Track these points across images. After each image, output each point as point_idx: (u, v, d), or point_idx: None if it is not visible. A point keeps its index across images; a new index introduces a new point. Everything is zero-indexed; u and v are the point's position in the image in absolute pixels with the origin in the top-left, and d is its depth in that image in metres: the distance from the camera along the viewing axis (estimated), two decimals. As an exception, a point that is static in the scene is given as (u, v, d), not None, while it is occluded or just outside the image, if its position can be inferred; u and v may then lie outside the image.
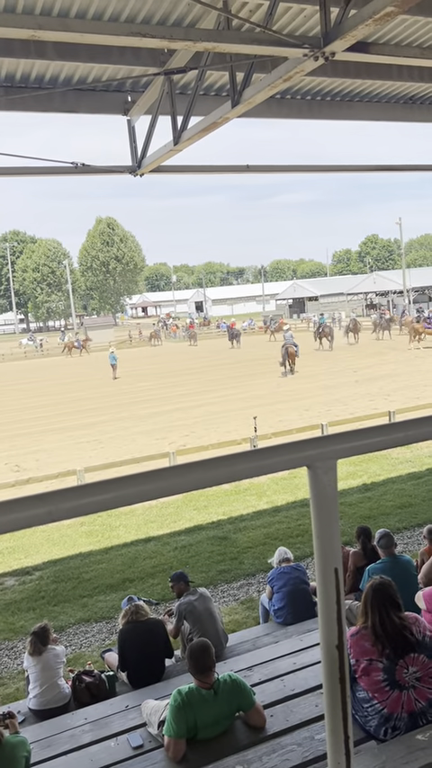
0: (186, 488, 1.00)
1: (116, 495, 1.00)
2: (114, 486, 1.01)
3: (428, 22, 6.28)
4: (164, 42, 4.75)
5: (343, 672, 1.12)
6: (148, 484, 0.99)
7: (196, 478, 0.99)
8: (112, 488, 1.00)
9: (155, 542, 9.40)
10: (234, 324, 46.17)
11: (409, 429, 1.20)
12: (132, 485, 1.01)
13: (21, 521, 0.93)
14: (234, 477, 1.04)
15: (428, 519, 9.02)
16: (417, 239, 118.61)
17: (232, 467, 1.05)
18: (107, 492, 1.00)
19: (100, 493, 1.00)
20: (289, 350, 26.23)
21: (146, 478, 1.00)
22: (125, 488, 0.98)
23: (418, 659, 3.26)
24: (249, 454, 1.08)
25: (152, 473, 0.99)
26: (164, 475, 1.03)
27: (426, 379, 21.98)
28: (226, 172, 9.02)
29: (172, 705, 3.46)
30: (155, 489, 1.00)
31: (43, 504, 0.92)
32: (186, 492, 1.05)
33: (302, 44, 4.96)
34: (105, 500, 1.00)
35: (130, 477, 1.01)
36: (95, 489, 1.00)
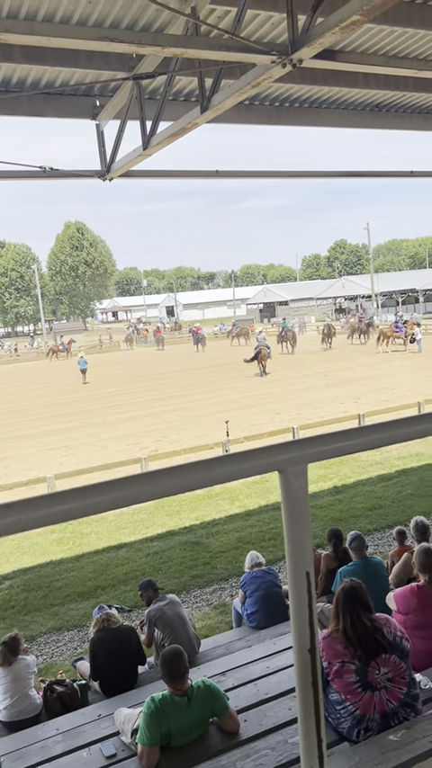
0: (158, 495, 0.99)
1: (86, 504, 0.99)
2: (84, 494, 0.99)
3: (393, 31, 6.38)
4: (132, 47, 4.74)
5: (315, 675, 1.12)
6: (118, 491, 0.98)
7: (167, 485, 0.98)
8: (81, 497, 0.99)
9: (127, 549, 9.33)
10: (199, 328, 46.52)
11: (379, 432, 1.21)
12: (102, 493, 1.00)
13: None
14: (206, 482, 1.04)
15: (398, 520, 9.14)
16: (384, 244, 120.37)
17: (204, 472, 1.04)
18: (77, 500, 0.98)
19: (69, 501, 0.98)
20: (263, 351, 27.05)
21: (116, 486, 0.99)
22: (95, 496, 0.97)
23: (389, 660, 3.29)
24: (221, 459, 1.08)
25: (123, 480, 0.99)
26: (135, 482, 1.02)
27: (394, 382, 22.29)
28: (195, 177, 9.02)
29: (145, 713, 3.43)
30: (125, 497, 0.99)
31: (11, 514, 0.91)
32: (158, 499, 1.04)
33: (270, 51, 5.00)
34: (74, 509, 0.99)
35: (100, 485, 1.00)
36: (65, 498, 0.99)
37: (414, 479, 11.25)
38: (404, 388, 20.63)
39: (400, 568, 5.56)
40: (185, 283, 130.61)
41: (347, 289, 64.31)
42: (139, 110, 6.93)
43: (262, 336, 28.78)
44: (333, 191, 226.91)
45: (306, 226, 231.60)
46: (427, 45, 6.79)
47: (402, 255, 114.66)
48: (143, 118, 6.99)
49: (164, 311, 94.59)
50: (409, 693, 3.32)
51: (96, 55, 6.02)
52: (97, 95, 7.37)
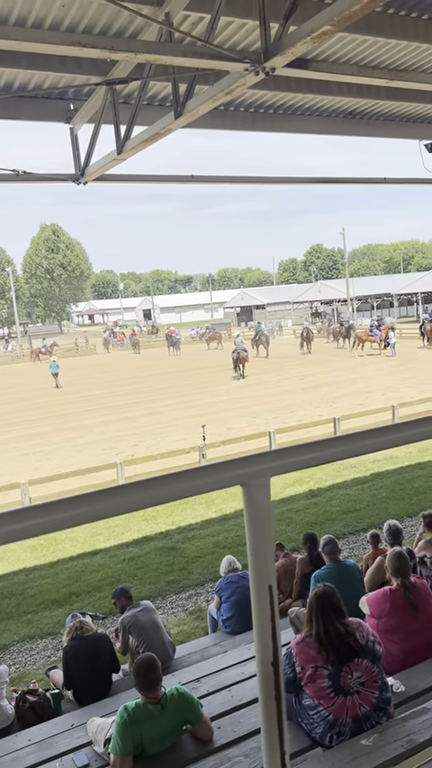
0: (125, 510, 0.99)
1: (52, 520, 0.98)
2: (52, 509, 0.99)
3: (365, 41, 6.45)
4: (105, 53, 4.74)
5: (278, 689, 1.13)
6: (84, 507, 0.97)
7: (126, 502, 0.98)
8: (48, 512, 0.98)
9: (102, 555, 9.27)
10: (173, 332, 46.69)
11: (341, 445, 1.23)
12: (69, 508, 0.99)
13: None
14: (169, 498, 1.04)
15: (373, 524, 9.22)
16: (359, 249, 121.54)
17: (166, 487, 1.04)
18: (44, 516, 0.98)
19: (36, 517, 0.97)
20: (240, 355, 27.50)
21: (83, 501, 0.98)
22: (62, 512, 0.97)
23: (361, 664, 3.32)
24: (184, 474, 1.08)
25: (88, 496, 0.98)
26: (102, 497, 1.01)
27: (369, 386, 22.50)
28: (171, 182, 9.03)
29: (118, 722, 3.41)
30: (90, 512, 0.98)
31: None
32: (126, 514, 1.04)
33: (243, 59, 5.03)
34: (41, 524, 0.98)
35: (68, 500, 0.99)
36: (29, 514, 0.98)
37: (388, 482, 11.36)
38: (379, 392, 20.83)
39: (374, 572, 5.60)
40: (162, 287, 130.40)
41: (324, 293, 64.78)
42: (113, 114, 6.91)
43: (239, 340, 29.33)
44: (309, 195, 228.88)
45: (282, 230, 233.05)
46: (398, 54, 6.88)
47: (377, 260, 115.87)
48: (117, 122, 6.98)
49: (141, 314, 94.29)
50: (381, 697, 3.35)
51: (70, 59, 5.99)
52: (71, 99, 7.34)
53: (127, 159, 7.31)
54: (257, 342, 36.50)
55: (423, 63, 7.23)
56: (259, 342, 36.33)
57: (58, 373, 30.31)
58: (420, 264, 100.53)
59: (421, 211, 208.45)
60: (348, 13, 4.24)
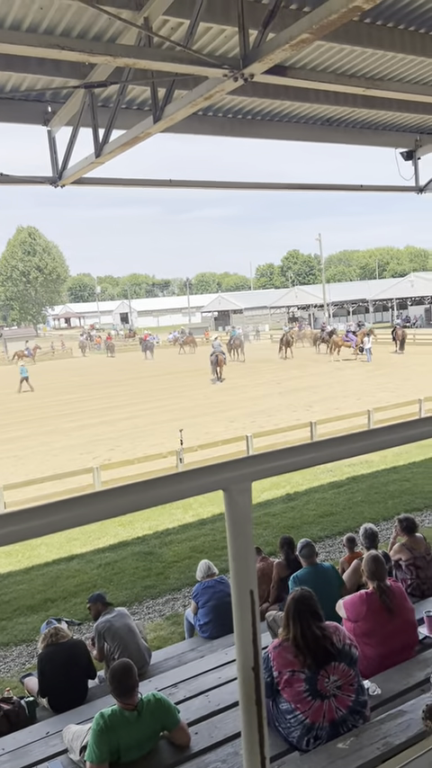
0: (100, 517, 0.98)
1: (29, 527, 0.97)
2: (27, 516, 0.98)
3: (343, 49, 6.53)
4: (83, 56, 4.72)
5: (258, 693, 1.13)
6: (60, 514, 0.97)
7: (108, 507, 0.97)
8: (23, 519, 0.97)
9: (78, 560, 9.19)
10: (147, 336, 47.40)
11: (321, 450, 1.23)
12: (48, 514, 0.98)
13: None
14: (151, 503, 1.03)
15: (349, 527, 9.28)
16: (335, 255, 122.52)
17: (147, 492, 1.04)
18: (18, 523, 0.97)
19: (10, 524, 0.96)
20: (219, 357, 28.02)
21: (58, 508, 0.98)
22: (37, 519, 0.96)
23: (338, 668, 3.34)
24: (165, 479, 1.08)
25: (64, 502, 0.97)
26: (75, 504, 1.00)
27: (345, 391, 22.68)
28: (149, 186, 9.01)
29: (94, 729, 3.38)
30: (67, 519, 0.98)
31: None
32: (103, 520, 1.04)
33: (222, 64, 5.05)
34: (17, 531, 0.97)
35: (44, 507, 0.98)
36: (5, 521, 0.97)
37: (364, 486, 11.45)
38: (355, 397, 21.01)
39: (350, 575, 5.65)
40: (140, 290, 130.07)
41: (300, 298, 65.22)
42: (91, 117, 6.90)
43: (217, 343, 29.86)
44: (287, 201, 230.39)
45: (260, 235, 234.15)
46: (375, 64, 6.97)
47: (353, 266, 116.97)
48: (96, 126, 6.95)
49: (118, 318, 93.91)
50: (357, 701, 3.37)
51: (48, 61, 5.96)
52: (49, 101, 7.30)
53: (105, 163, 7.28)
54: (232, 346, 36.96)
55: (399, 72, 7.34)
56: (234, 346, 36.80)
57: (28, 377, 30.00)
58: (395, 271, 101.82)
59: (397, 219, 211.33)
60: (326, 22, 4.28)
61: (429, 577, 5.49)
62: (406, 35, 6.38)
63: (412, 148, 10.34)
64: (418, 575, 5.47)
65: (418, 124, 9.95)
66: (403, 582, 5.28)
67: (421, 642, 4.43)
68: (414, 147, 10.34)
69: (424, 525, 9.37)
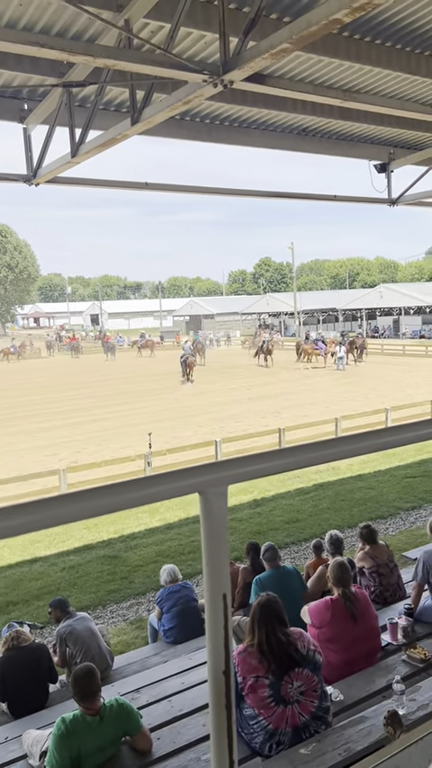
0: (72, 519, 0.97)
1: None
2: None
3: (321, 61, 6.61)
4: (63, 54, 4.69)
5: (229, 698, 1.13)
6: (27, 515, 0.95)
7: (83, 508, 0.96)
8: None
9: (41, 563, 9.07)
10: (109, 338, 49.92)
11: (296, 455, 1.24)
12: (14, 516, 0.96)
13: None
14: (126, 505, 1.03)
15: (314, 533, 9.34)
16: (307, 264, 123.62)
17: (122, 495, 1.03)
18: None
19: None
20: (188, 360, 29.37)
21: (26, 510, 0.96)
22: (5, 521, 0.94)
23: (302, 674, 3.35)
24: (140, 482, 1.07)
25: (34, 504, 0.96)
26: (46, 505, 0.99)
27: (314, 398, 22.88)
28: (124, 188, 8.98)
29: (55, 734, 3.33)
30: (35, 521, 0.96)
31: None
32: (75, 522, 1.02)
33: (202, 70, 5.07)
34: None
35: (12, 508, 0.97)
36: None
37: (330, 493, 11.55)
38: (323, 404, 21.21)
39: (315, 581, 5.68)
40: (111, 292, 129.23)
41: (271, 305, 65.65)
42: (68, 117, 6.84)
43: (188, 346, 31.54)
44: (261, 208, 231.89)
45: (234, 241, 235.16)
46: (352, 76, 7.07)
47: (324, 275, 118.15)
48: (72, 125, 6.91)
49: (88, 319, 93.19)
50: (320, 707, 3.39)
51: (26, 58, 5.90)
52: (25, 99, 7.22)
53: (81, 162, 7.24)
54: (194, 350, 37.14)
55: (374, 86, 7.45)
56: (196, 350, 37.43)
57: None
58: (365, 281, 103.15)
59: (368, 230, 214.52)
60: (306, 33, 4.33)
61: (392, 585, 5.56)
62: (383, 50, 6.50)
63: (386, 161, 10.50)
64: (381, 582, 5.53)
65: (392, 137, 10.11)
66: (367, 589, 5.34)
67: (384, 649, 4.48)
68: (387, 160, 10.50)
69: (388, 533, 9.49)
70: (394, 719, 3.01)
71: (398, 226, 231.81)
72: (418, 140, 10.31)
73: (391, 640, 4.55)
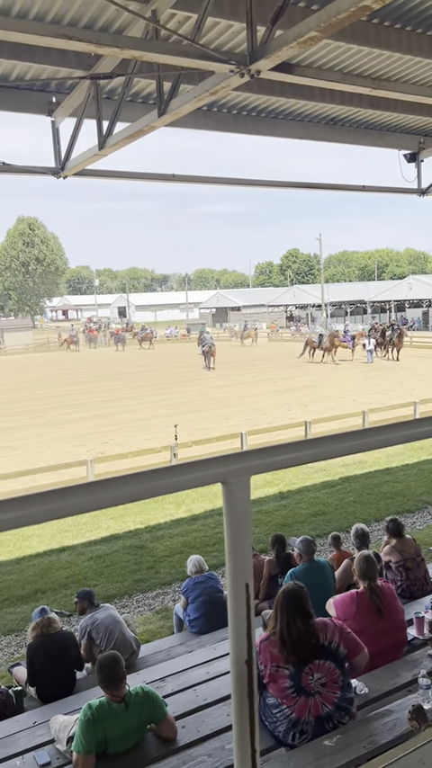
0: (100, 506, 0.98)
1: (24, 514, 0.97)
2: (23, 504, 0.98)
3: (350, 49, 6.52)
4: (90, 47, 4.70)
5: (251, 687, 1.14)
6: (58, 501, 0.97)
7: (109, 496, 0.98)
8: (19, 506, 0.97)
9: (69, 552, 9.19)
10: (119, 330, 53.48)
11: (320, 446, 1.24)
12: (42, 502, 0.98)
13: None
14: (150, 494, 1.03)
15: (340, 526, 9.31)
16: (335, 255, 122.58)
17: (147, 484, 1.04)
18: (14, 510, 0.96)
19: (6, 511, 0.96)
20: (212, 349, 31.27)
21: (57, 496, 0.97)
22: (34, 506, 0.95)
23: (323, 666, 3.34)
24: (165, 471, 1.08)
25: (63, 490, 0.97)
26: (75, 492, 1.00)
27: (340, 391, 22.72)
28: (151, 179, 9.00)
29: (81, 720, 3.38)
30: (67, 507, 0.98)
31: None
32: (101, 509, 1.03)
33: (229, 60, 5.04)
34: (12, 518, 0.97)
35: (41, 495, 0.98)
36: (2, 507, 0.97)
37: (356, 486, 11.48)
38: (350, 397, 21.05)
39: (341, 575, 5.67)
40: (138, 284, 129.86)
41: (298, 297, 65.23)
42: (95, 109, 6.88)
43: (209, 337, 33.23)
44: (288, 200, 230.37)
45: (260, 233, 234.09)
46: (381, 64, 6.97)
47: (352, 267, 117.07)
48: (100, 117, 6.94)
49: (116, 311, 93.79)
50: (343, 697, 3.38)
51: (53, 51, 5.93)
52: (53, 92, 7.27)
53: (108, 155, 7.27)
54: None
55: (404, 74, 7.34)
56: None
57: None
58: (394, 273, 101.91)
59: (397, 221, 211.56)
60: (335, 21, 4.28)
61: (419, 579, 5.52)
62: (413, 37, 6.39)
63: (415, 151, 10.34)
64: (408, 576, 5.49)
65: (422, 126, 9.95)
66: (393, 583, 5.30)
67: (410, 643, 4.45)
68: (417, 150, 10.35)
69: (416, 527, 9.40)
70: (419, 714, 3.00)
71: (428, 216, 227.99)
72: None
73: (417, 635, 4.52)
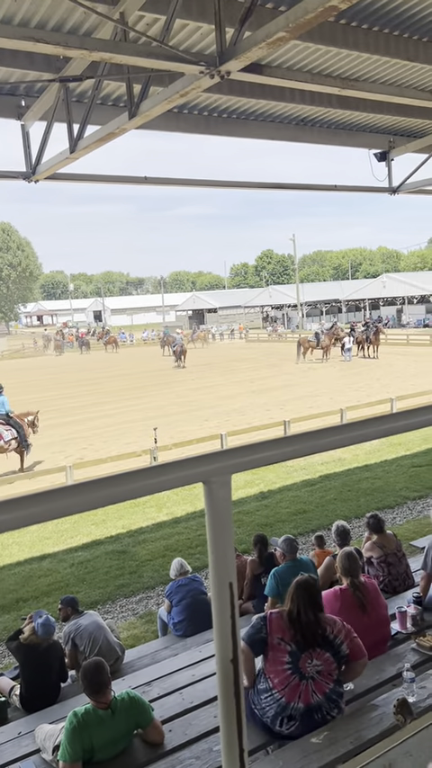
0: (80, 509, 0.97)
1: (7, 518, 0.95)
2: (5, 508, 0.96)
3: (318, 49, 6.56)
4: (58, 49, 4.67)
5: (238, 686, 1.13)
6: (37, 506, 0.95)
7: (90, 499, 0.96)
8: (2, 511, 0.96)
9: (50, 559, 9.10)
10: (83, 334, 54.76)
11: (299, 443, 1.24)
12: (21, 507, 0.96)
13: None
14: (130, 495, 1.02)
15: (321, 525, 9.35)
16: (309, 255, 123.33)
17: (127, 485, 1.03)
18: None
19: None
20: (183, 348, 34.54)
21: (35, 500, 0.96)
22: (11, 512, 0.94)
23: (322, 655, 3.41)
24: (145, 472, 1.07)
25: (42, 495, 0.96)
26: (54, 496, 0.99)
27: (317, 390, 22.85)
28: (124, 182, 8.96)
29: (67, 728, 3.35)
30: (45, 512, 0.96)
31: None
32: (80, 513, 1.02)
33: (198, 61, 5.04)
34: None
35: (18, 500, 0.97)
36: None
37: (336, 484, 11.55)
38: (327, 396, 21.19)
39: (323, 572, 5.69)
40: (114, 288, 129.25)
41: (274, 298, 65.56)
42: (66, 112, 6.83)
43: (179, 337, 37.00)
44: (262, 200, 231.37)
45: (235, 234, 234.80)
46: (350, 64, 7.02)
47: (327, 266, 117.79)
48: (70, 121, 6.89)
49: (91, 316, 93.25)
50: (334, 690, 3.42)
51: (21, 54, 5.88)
52: (23, 95, 7.21)
53: (80, 158, 7.22)
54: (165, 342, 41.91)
55: (372, 73, 7.40)
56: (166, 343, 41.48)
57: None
58: (368, 271, 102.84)
59: (369, 220, 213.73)
60: (302, 21, 4.30)
61: (400, 574, 5.56)
62: (381, 37, 6.45)
63: (386, 149, 10.45)
64: (390, 571, 5.53)
65: (392, 125, 10.06)
66: (376, 579, 5.33)
67: (393, 637, 4.48)
68: (387, 149, 10.45)
69: (396, 522, 9.49)
70: (404, 707, 3.02)
71: (399, 215, 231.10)
72: (418, 128, 10.26)
73: (401, 629, 4.55)
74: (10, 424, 13.81)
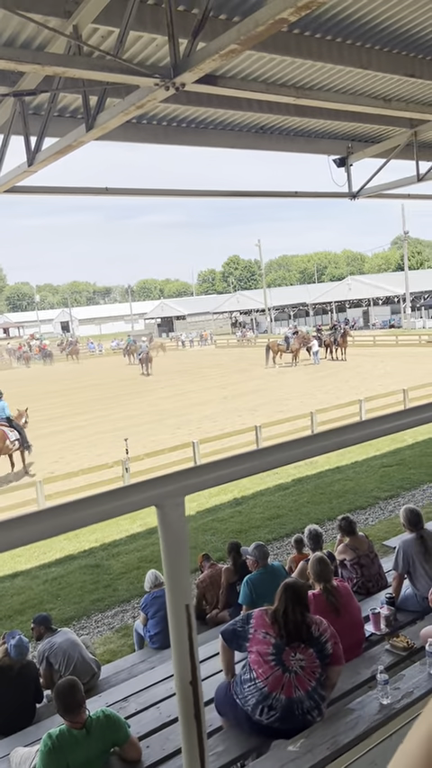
0: (25, 542, 0.96)
1: None
2: None
3: (272, 59, 6.62)
4: (10, 64, 4.64)
5: (198, 707, 1.13)
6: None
7: (36, 530, 0.96)
8: None
9: (23, 577, 8.97)
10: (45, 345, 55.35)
11: (254, 460, 1.25)
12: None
13: None
14: (78, 525, 1.02)
15: (296, 528, 9.39)
16: (275, 260, 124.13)
17: (77, 513, 1.02)
18: None
19: None
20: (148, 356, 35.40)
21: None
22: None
23: (306, 651, 3.45)
24: (96, 498, 1.07)
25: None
26: (7, 526, 0.98)
27: (288, 394, 22.99)
28: (85, 194, 8.92)
29: (42, 750, 3.30)
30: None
31: None
32: (25, 546, 1.01)
33: (153, 74, 5.05)
34: None
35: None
36: None
37: (309, 487, 11.62)
38: (297, 399, 21.33)
39: (297, 577, 5.71)
40: (81, 298, 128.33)
41: (242, 303, 65.87)
42: (22, 125, 6.78)
43: (145, 346, 37.48)
44: (228, 207, 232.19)
45: (202, 241, 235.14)
46: (304, 73, 7.11)
47: (293, 271, 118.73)
48: (27, 134, 6.84)
49: (59, 326, 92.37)
50: (316, 690, 3.44)
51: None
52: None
53: (38, 171, 7.17)
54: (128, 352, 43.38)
55: (327, 82, 7.50)
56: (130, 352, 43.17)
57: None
58: (333, 274, 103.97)
59: (333, 224, 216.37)
60: (254, 33, 4.35)
61: (373, 575, 5.61)
62: (333, 46, 6.54)
63: (344, 155, 10.60)
64: (363, 573, 5.58)
65: (349, 131, 10.21)
66: (349, 581, 5.38)
67: (368, 639, 4.52)
68: (346, 154, 10.60)
69: (368, 523, 9.58)
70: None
71: (363, 218, 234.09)
72: (375, 133, 10.43)
73: (375, 630, 4.60)
74: (13, 427, 14.90)
